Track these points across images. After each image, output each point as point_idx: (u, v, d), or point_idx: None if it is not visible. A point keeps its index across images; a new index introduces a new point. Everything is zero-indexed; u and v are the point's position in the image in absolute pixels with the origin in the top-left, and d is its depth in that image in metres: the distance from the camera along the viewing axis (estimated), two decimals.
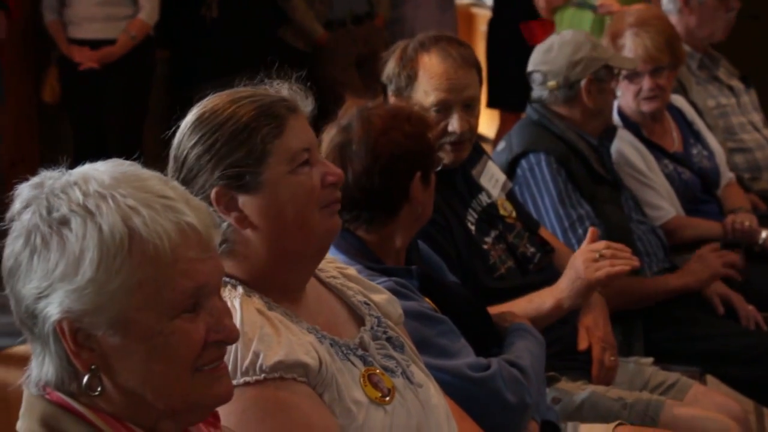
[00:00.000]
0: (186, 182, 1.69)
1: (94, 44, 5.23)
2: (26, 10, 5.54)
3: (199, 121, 1.73)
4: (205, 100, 1.77)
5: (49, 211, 1.25)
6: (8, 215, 1.29)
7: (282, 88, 1.78)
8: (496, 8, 6.37)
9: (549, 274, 2.79)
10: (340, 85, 5.30)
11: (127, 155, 1.38)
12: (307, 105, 1.79)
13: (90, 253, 1.22)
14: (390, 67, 2.77)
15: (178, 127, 1.76)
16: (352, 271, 1.97)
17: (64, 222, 1.24)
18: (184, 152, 1.73)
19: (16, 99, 5.50)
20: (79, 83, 5.28)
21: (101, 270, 1.22)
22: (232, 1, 5.48)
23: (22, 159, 5.64)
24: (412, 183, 2.25)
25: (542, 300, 2.57)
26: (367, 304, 1.89)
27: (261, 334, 1.63)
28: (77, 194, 1.25)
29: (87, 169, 1.31)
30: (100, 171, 1.29)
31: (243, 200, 1.71)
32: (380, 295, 1.93)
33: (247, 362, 1.61)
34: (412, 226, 2.30)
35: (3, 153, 5.36)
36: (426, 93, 2.70)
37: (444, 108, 2.69)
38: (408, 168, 2.25)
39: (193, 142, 1.72)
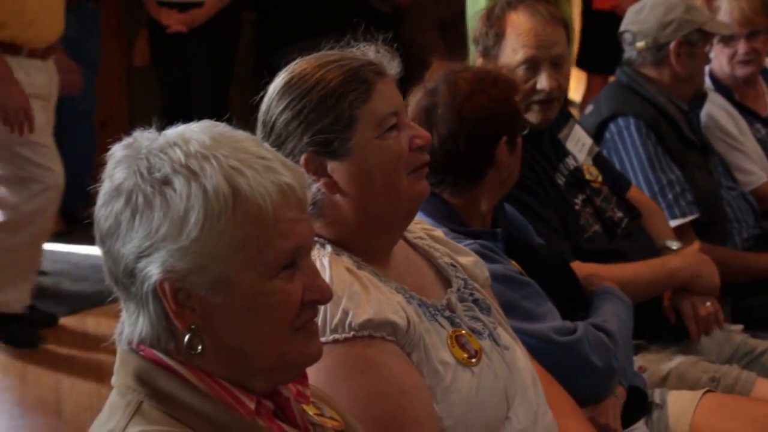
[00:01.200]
0: (275, 147, 1.68)
1: (182, 7, 5.27)
2: None
3: (288, 86, 1.72)
4: (294, 64, 1.76)
5: (150, 171, 1.25)
6: (103, 175, 1.29)
7: (369, 51, 1.77)
8: None
9: (637, 239, 2.76)
10: (423, 48, 5.27)
11: (215, 118, 1.38)
12: (393, 67, 1.78)
13: (195, 212, 1.22)
14: (477, 28, 2.75)
15: (266, 91, 1.76)
16: (438, 233, 1.96)
17: (167, 182, 1.24)
18: (273, 117, 1.73)
19: (107, 61, 5.56)
20: (167, 46, 5.33)
21: (206, 229, 1.23)
22: None
23: (112, 120, 5.72)
24: (497, 147, 2.23)
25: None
26: (454, 266, 1.88)
27: (350, 293, 1.64)
28: (179, 154, 1.25)
29: (183, 130, 1.31)
30: (197, 132, 1.30)
31: (332, 166, 1.71)
32: (467, 257, 1.92)
33: (336, 320, 1.61)
34: (498, 190, 2.28)
35: (95, 115, 5.43)
36: (514, 50, 2.68)
37: (532, 65, 2.67)
38: (493, 132, 2.23)
39: (281, 107, 1.72)
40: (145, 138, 1.29)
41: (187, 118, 1.36)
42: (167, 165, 1.24)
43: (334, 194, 1.72)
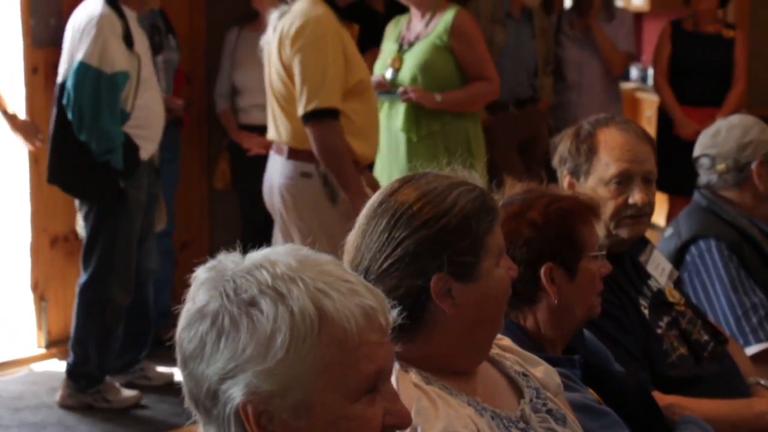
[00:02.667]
0: (389, 269, 1.70)
1: (263, 130, 5.35)
2: (201, 99, 5.73)
3: (412, 209, 1.72)
4: (394, 186, 1.77)
5: (237, 293, 1.25)
6: (186, 296, 1.30)
7: (474, 177, 1.80)
8: None
9: (724, 364, 2.69)
10: (502, 169, 5.30)
11: None
12: None
13: (281, 334, 1.23)
14: (564, 148, 2.75)
15: None
16: (507, 341, 1.94)
17: (254, 303, 1.24)
18: (399, 238, 1.71)
19: (189, 183, 5.67)
20: (247, 169, 5.41)
21: (291, 351, 1.23)
22: None
23: (192, 241, 5.80)
24: (539, 272, 2.20)
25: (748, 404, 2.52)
26: (525, 376, 1.86)
27: (418, 408, 1.62)
28: (265, 276, 1.26)
29: (268, 252, 1.32)
30: (282, 254, 1.31)
31: (457, 288, 1.72)
32: (537, 366, 1.90)
33: None
34: (556, 316, 2.22)
35: (175, 235, 5.51)
36: (607, 165, 2.67)
37: (625, 179, 2.66)
38: (531, 257, 2.20)
39: (409, 230, 1.71)
40: (229, 260, 1.31)
41: (267, 241, 1.37)
42: (254, 287, 1.25)
43: (451, 316, 1.72)
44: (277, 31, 4.00)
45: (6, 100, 4.79)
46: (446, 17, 4.70)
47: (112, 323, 4.59)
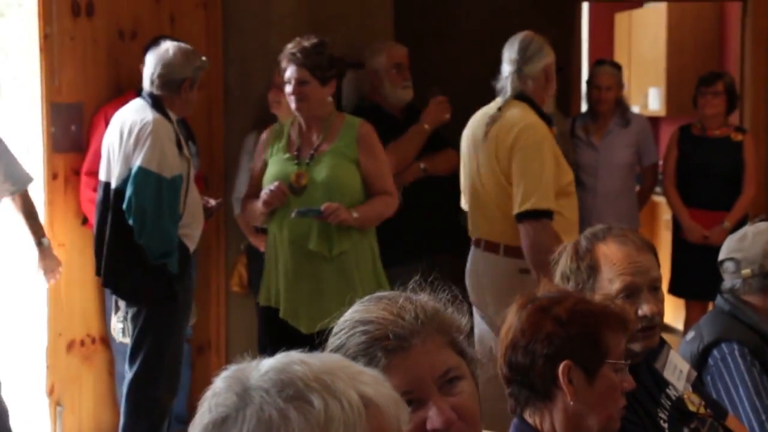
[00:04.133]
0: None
1: None
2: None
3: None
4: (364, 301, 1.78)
5: (279, 388, 1.24)
6: (211, 400, 1.28)
7: (419, 307, 1.73)
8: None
9: None
10: None
11: (312, 341, 1.39)
12: (452, 320, 1.76)
13: (335, 423, 1.22)
14: (565, 265, 2.72)
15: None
16: None
17: (300, 397, 1.23)
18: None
19: (206, 285, 5.67)
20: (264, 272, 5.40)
21: None
22: (416, 190, 5.56)
23: (209, 345, 5.78)
24: (556, 369, 2.18)
25: None
26: None
27: None
28: (305, 371, 1.25)
29: (291, 354, 1.31)
30: (304, 355, 1.30)
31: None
32: None
33: None
34: (572, 422, 2.19)
35: (192, 339, 5.49)
36: (611, 281, 2.64)
37: (632, 292, 2.63)
38: (548, 354, 2.18)
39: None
40: (247, 365, 1.29)
41: (284, 345, 1.36)
42: (297, 381, 1.24)
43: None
44: (489, 137, 4.47)
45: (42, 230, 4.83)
46: (349, 129, 4.51)
47: (159, 422, 4.62)
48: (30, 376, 5.22)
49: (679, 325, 6.59)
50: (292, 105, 4.49)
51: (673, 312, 6.74)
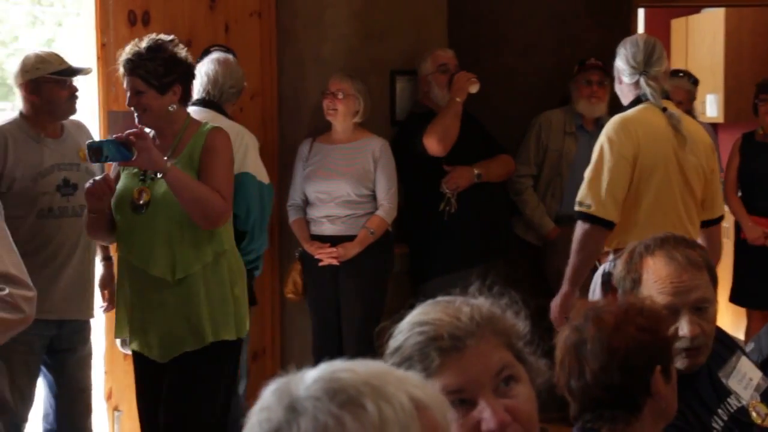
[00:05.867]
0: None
1: (335, 241, 5.38)
2: (274, 210, 5.78)
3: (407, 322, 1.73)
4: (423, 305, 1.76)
5: (330, 394, 1.23)
6: (260, 415, 1.27)
7: (476, 309, 1.72)
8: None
9: None
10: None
11: (365, 349, 1.39)
12: (509, 324, 1.74)
13: (390, 426, 1.22)
14: (617, 270, 2.72)
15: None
16: None
17: (353, 402, 1.23)
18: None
19: (260, 293, 5.69)
20: (318, 279, 5.42)
21: None
22: (471, 196, 5.56)
23: (264, 351, 5.80)
24: (652, 377, 2.17)
25: None
26: None
27: None
28: (354, 377, 1.25)
29: (334, 363, 1.31)
30: (352, 362, 1.30)
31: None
32: None
33: None
34: (657, 422, 2.21)
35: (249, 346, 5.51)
36: (651, 298, 2.61)
37: (672, 312, 2.58)
38: (646, 362, 2.18)
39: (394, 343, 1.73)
40: (295, 376, 1.29)
41: (339, 350, 1.37)
42: (348, 387, 1.24)
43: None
44: (694, 137, 4.37)
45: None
46: (199, 138, 4.05)
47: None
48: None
49: (741, 335, 6.51)
50: (136, 119, 4.03)
51: (735, 321, 6.67)
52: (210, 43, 5.35)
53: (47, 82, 4.49)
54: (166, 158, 3.91)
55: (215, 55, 4.81)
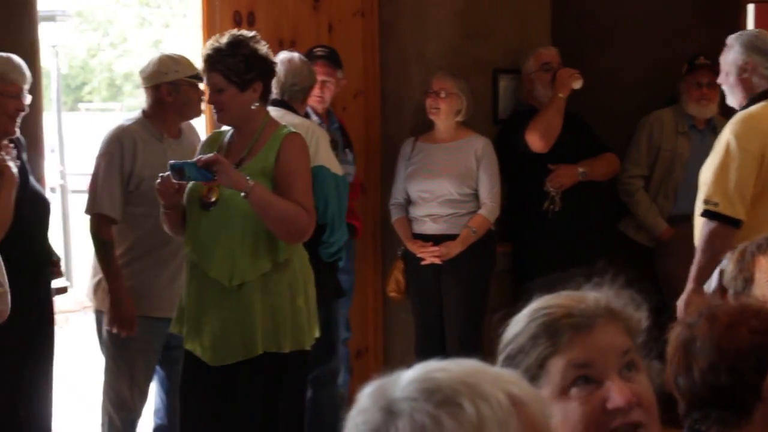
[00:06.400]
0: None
1: (437, 240, 5.38)
2: (376, 208, 5.82)
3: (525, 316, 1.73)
4: (544, 298, 1.76)
5: (426, 394, 1.24)
6: (357, 418, 1.27)
7: (600, 297, 1.73)
8: None
9: None
10: (681, 282, 5.17)
11: (468, 348, 1.39)
12: (631, 314, 1.73)
13: (488, 425, 1.22)
14: (729, 270, 2.67)
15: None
16: None
17: (449, 401, 1.23)
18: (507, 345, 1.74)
19: (363, 290, 5.73)
20: (421, 278, 5.44)
21: None
22: (575, 195, 5.52)
23: (367, 349, 5.83)
24: (763, 381, 2.13)
25: None
26: None
27: None
28: (448, 377, 1.25)
29: (428, 363, 1.31)
30: (440, 363, 1.30)
31: None
32: None
33: None
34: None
35: (350, 343, 5.55)
36: (764, 297, 2.56)
37: None
38: (757, 364, 2.13)
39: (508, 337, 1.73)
40: (390, 378, 1.30)
41: (441, 349, 1.37)
42: (444, 387, 1.24)
43: None
44: None
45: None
46: (274, 142, 3.95)
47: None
48: None
49: None
50: (215, 115, 4.00)
51: None
52: (314, 43, 5.39)
53: (184, 85, 4.58)
54: (241, 158, 3.89)
55: (281, 55, 4.86)
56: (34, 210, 4.21)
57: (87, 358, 6.93)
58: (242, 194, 3.79)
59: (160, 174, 3.86)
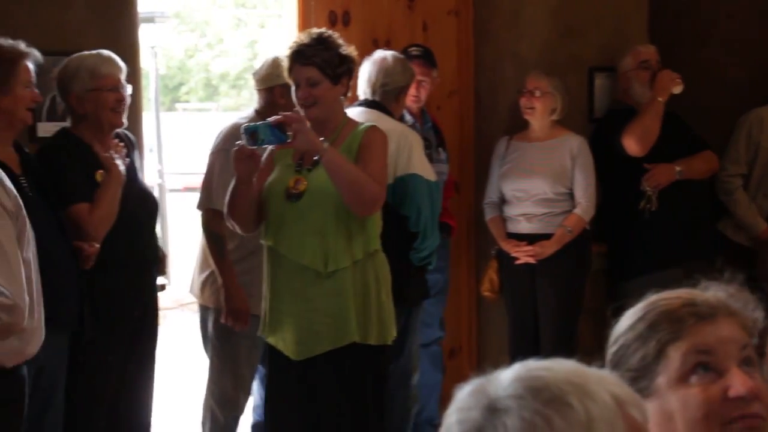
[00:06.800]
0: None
1: (532, 239, 5.35)
2: (470, 207, 5.81)
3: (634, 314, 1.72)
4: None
5: (532, 392, 1.24)
6: (459, 415, 1.28)
7: (717, 294, 1.72)
8: None
9: None
10: None
11: (563, 348, 1.39)
12: (748, 314, 1.72)
13: (597, 424, 1.23)
14: None
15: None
16: None
17: (557, 399, 1.23)
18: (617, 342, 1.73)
19: (457, 290, 5.72)
20: (515, 277, 5.41)
21: None
22: (672, 194, 5.44)
23: (461, 348, 5.83)
24: None
25: None
26: None
27: None
28: (555, 376, 1.26)
29: (528, 363, 1.31)
30: (540, 362, 1.30)
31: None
32: None
33: None
34: None
35: (444, 342, 5.55)
36: None
37: None
38: None
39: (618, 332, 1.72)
40: (489, 377, 1.29)
41: (535, 349, 1.37)
42: (551, 386, 1.25)
43: None
44: None
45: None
46: (355, 137, 3.97)
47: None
48: None
49: None
50: (301, 112, 3.95)
51: None
52: (408, 43, 5.40)
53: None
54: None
55: (375, 54, 4.85)
56: (142, 207, 4.28)
57: (184, 355, 7.03)
58: (316, 157, 3.82)
59: (237, 142, 3.83)
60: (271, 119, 3.76)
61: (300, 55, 3.90)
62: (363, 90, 4.81)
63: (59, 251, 3.75)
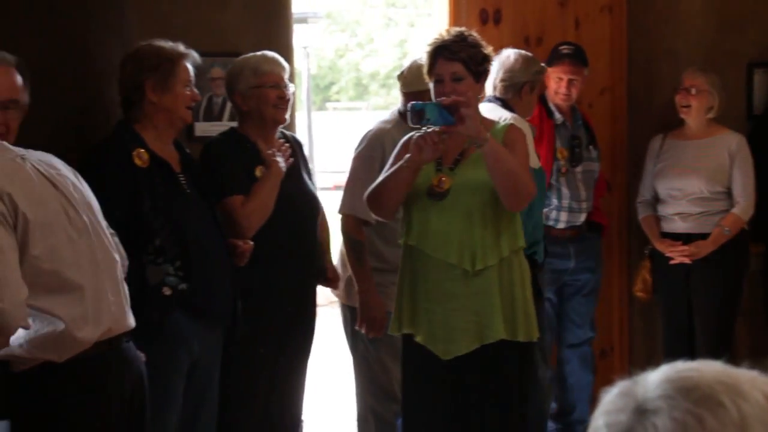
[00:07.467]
0: None
1: (687, 239, 5.26)
2: (623, 206, 5.74)
3: None
4: None
5: (683, 393, 1.23)
6: (607, 417, 1.27)
7: None
8: None
9: None
10: None
11: (719, 351, 1.36)
12: None
13: (751, 423, 1.21)
14: None
15: None
16: None
17: (709, 399, 1.22)
18: None
19: (609, 290, 5.66)
20: (669, 277, 5.32)
21: None
22: None
23: (612, 349, 5.76)
24: None
25: None
26: None
27: None
28: (704, 376, 1.25)
29: (675, 364, 1.29)
30: (686, 363, 1.29)
31: None
32: None
33: None
34: None
35: (595, 343, 5.49)
36: None
37: None
38: None
39: None
40: (634, 380, 1.28)
41: (690, 351, 1.35)
42: (702, 386, 1.24)
43: None
44: None
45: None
46: (497, 134, 3.85)
47: None
48: None
49: None
50: None
51: None
52: (560, 40, 5.36)
53: None
54: (463, 149, 3.81)
55: (501, 53, 4.80)
56: (303, 206, 4.35)
57: (333, 352, 7.13)
58: (477, 145, 3.73)
59: (424, 127, 3.73)
60: (440, 99, 3.74)
61: (445, 49, 3.85)
62: (490, 87, 4.79)
63: (214, 248, 3.83)
